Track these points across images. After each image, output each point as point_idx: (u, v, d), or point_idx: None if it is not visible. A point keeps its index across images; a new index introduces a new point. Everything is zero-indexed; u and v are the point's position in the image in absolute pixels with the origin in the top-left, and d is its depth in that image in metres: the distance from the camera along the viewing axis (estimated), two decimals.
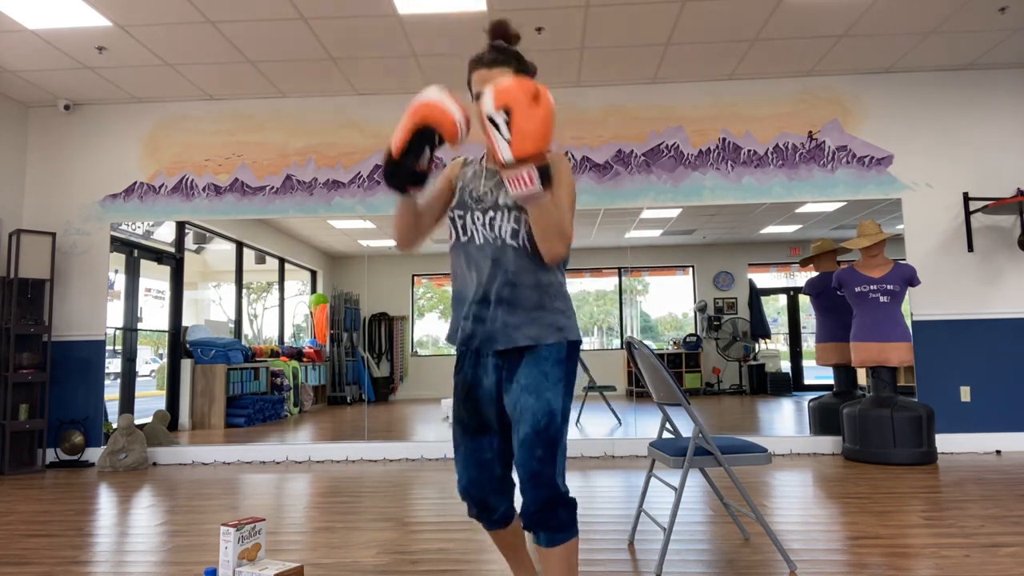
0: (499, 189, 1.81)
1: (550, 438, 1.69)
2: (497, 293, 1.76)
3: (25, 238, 5.12)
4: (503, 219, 1.78)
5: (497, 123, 1.53)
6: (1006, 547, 2.66)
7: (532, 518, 1.69)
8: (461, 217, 1.84)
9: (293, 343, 7.72)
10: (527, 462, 1.69)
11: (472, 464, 1.83)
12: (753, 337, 6.65)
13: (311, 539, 2.98)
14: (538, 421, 1.69)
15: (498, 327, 1.75)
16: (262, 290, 7.73)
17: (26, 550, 2.91)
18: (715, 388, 6.72)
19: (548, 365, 1.74)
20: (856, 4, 4.26)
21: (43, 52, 4.69)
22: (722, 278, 6.70)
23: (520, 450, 1.70)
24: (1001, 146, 5.20)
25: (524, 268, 1.77)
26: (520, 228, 1.77)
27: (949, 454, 4.89)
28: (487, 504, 1.84)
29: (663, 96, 5.40)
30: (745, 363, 6.69)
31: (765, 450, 2.60)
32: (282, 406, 7.06)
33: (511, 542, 1.95)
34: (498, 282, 1.76)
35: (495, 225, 1.79)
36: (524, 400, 1.71)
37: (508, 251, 1.77)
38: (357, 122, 5.50)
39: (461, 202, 1.85)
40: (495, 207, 1.80)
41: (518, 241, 1.78)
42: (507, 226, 1.78)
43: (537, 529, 1.69)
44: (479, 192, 1.83)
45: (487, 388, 1.82)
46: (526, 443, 1.69)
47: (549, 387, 1.72)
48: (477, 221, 1.81)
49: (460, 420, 1.85)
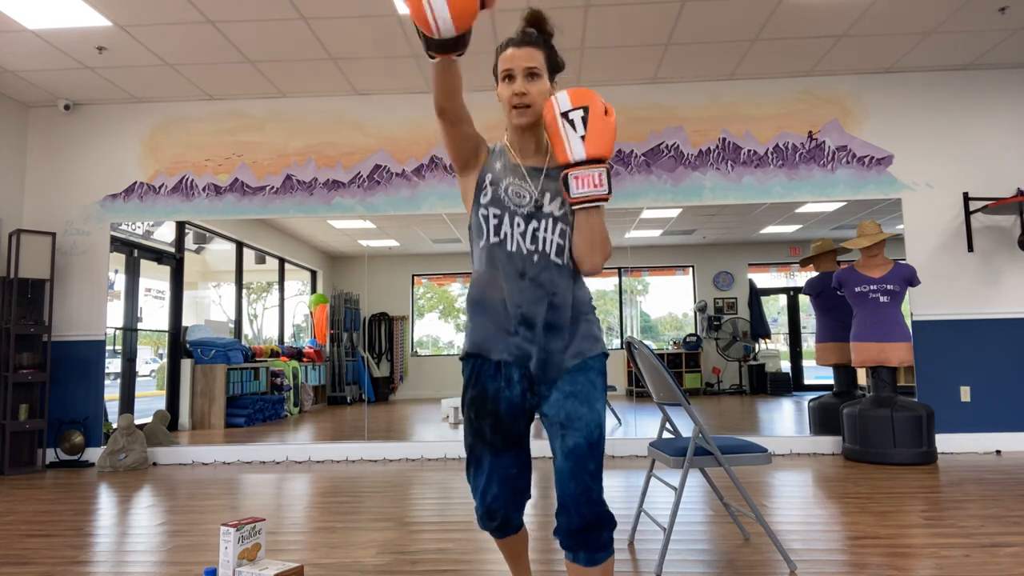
0: (543, 194, 1.67)
1: (599, 452, 1.60)
2: (544, 319, 1.65)
3: (25, 238, 5.12)
4: (548, 231, 1.65)
5: (573, 119, 1.49)
6: (1006, 547, 2.66)
7: (576, 536, 1.58)
8: (497, 217, 1.68)
9: (293, 343, 7.72)
10: (578, 476, 1.56)
11: (497, 480, 1.71)
12: (753, 337, 6.65)
13: (311, 539, 2.98)
14: (591, 433, 1.58)
15: (547, 355, 1.66)
16: (262, 290, 7.73)
17: (26, 550, 2.91)
18: (715, 388, 6.71)
19: (594, 375, 1.67)
20: (856, 4, 4.26)
21: (43, 52, 4.69)
22: (722, 278, 6.70)
23: (569, 462, 1.57)
24: (1001, 146, 5.20)
25: (566, 287, 1.67)
26: (565, 244, 1.66)
27: (949, 454, 4.89)
28: (509, 520, 1.75)
29: (663, 96, 5.40)
30: (745, 363, 6.69)
31: (765, 450, 2.60)
32: (282, 406, 7.06)
33: (520, 548, 1.89)
34: (543, 306, 1.65)
35: (539, 237, 1.65)
36: (574, 408, 1.60)
37: (552, 270, 1.65)
38: (357, 122, 5.50)
39: (496, 199, 1.69)
40: (538, 215, 1.66)
41: (563, 259, 1.66)
42: (553, 239, 1.65)
43: (579, 548, 1.59)
44: (519, 193, 1.68)
45: (509, 401, 1.70)
46: (577, 455, 1.56)
47: (598, 398, 1.64)
48: (516, 227, 1.66)
49: (481, 437, 1.72)
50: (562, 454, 1.59)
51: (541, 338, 1.65)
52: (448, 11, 1.43)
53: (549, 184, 1.69)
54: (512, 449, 1.73)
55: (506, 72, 1.70)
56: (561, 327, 1.66)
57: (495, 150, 1.78)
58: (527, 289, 1.65)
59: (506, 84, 1.70)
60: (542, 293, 1.65)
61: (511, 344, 1.68)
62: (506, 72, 1.70)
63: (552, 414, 1.64)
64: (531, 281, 1.65)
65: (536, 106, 1.67)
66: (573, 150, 1.47)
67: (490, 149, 1.78)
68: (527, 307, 1.65)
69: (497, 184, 1.70)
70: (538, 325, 1.65)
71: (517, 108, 1.67)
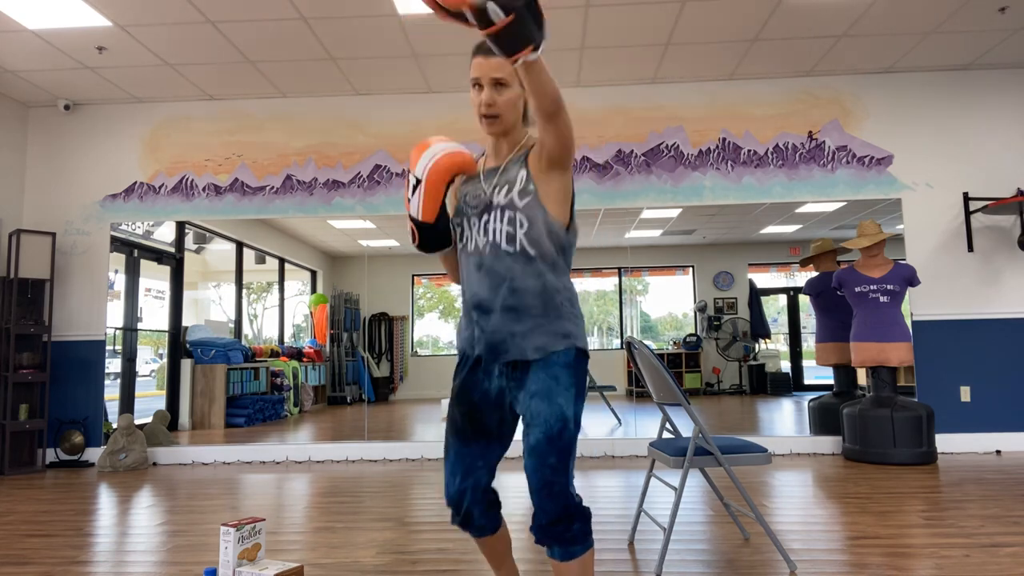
0: (494, 189, 1.72)
1: (563, 445, 1.59)
2: (502, 301, 1.67)
3: (25, 238, 5.12)
4: (497, 220, 1.68)
5: None
6: (1006, 547, 2.66)
7: (545, 531, 1.58)
8: (459, 224, 1.78)
9: (293, 343, 7.72)
10: (539, 470, 1.58)
11: (460, 470, 1.75)
12: (753, 337, 6.65)
13: (311, 539, 2.98)
14: (551, 427, 1.59)
15: (503, 336, 1.67)
16: (262, 290, 7.73)
17: (26, 550, 2.91)
18: (715, 388, 6.71)
19: (558, 369, 1.65)
20: (856, 4, 4.26)
21: (43, 52, 4.69)
22: (722, 278, 6.70)
23: (531, 458, 1.59)
24: (1001, 146, 5.20)
25: (524, 273, 1.66)
26: (516, 230, 1.67)
27: (949, 454, 4.88)
28: (471, 516, 1.76)
29: (663, 96, 5.40)
30: (745, 363, 6.69)
31: (765, 450, 2.60)
32: (282, 406, 7.05)
33: (500, 549, 1.87)
34: (500, 290, 1.68)
35: (489, 228, 1.70)
36: (535, 406, 1.62)
37: (505, 258, 1.68)
38: (357, 122, 5.50)
39: (458, 208, 1.79)
40: (488, 208, 1.71)
41: (514, 246, 1.67)
42: (502, 228, 1.68)
43: (551, 543, 1.59)
44: (475, 194, 1.75)
45: (486, 392, 1.74)
46: (538, 450, 1.58)
47: (560, 392, 1.63)
48: (473, 226, 1.73)
49: (453, 422, 1.77)
50: (526, 452, 1.62)
51: (497, 320, 1.67)
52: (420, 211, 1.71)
53: (501, 178, 1.72)
54: (481, 440, 1.75)
55: (474, 80, 1.68)
56: (521, 309, 1.66)
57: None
58: (483, 278, 1.70)
59: (475, 92, 1.70)
60: (498, 280, 1.68)
61: (467, 332, 1.76)
62: (474, 80, 1.68)
63: (521, 415, 1.68)
64: (487, 271, 1.70)
65: (504, 116, 1.68)
66: None
67: None
68: (483, 293, 1.70)
69: (462, 196, 1.79)
70: (496, 309, 1.68)
71: (485, 118, 1.68)
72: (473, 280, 1.72)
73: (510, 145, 1.76)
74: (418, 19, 4.35)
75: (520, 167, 1.70)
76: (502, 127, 1.70)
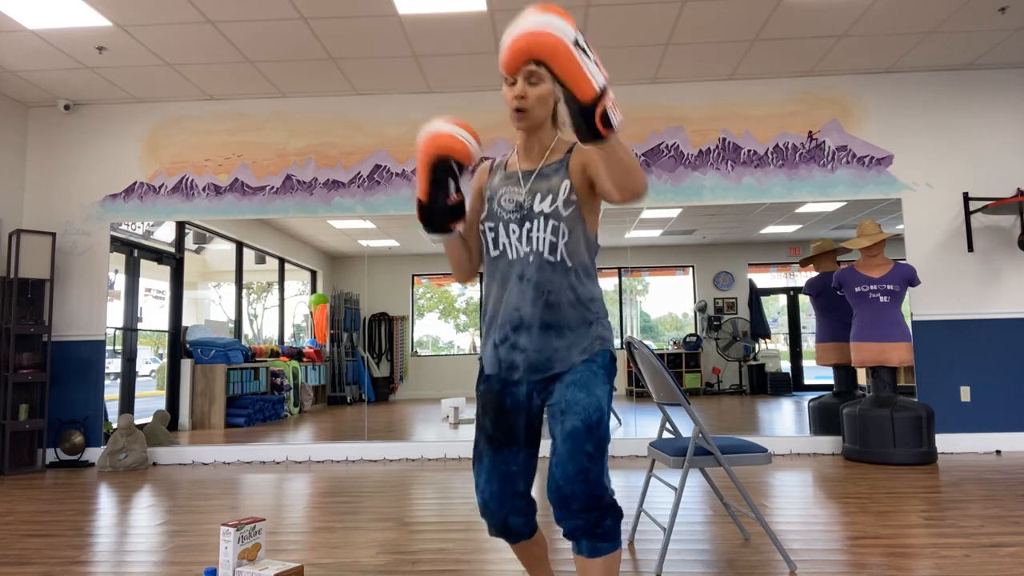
0: (533, 195, 1.67)
1: (600, 436, 1.56)
2: (540, 318, 1.63)
3: (25, 238, 5.12)
4: (540, 229, 1.64)
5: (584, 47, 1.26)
6: (1006, 547, 2.66)
7: (577, 520, 1.54)
8: (492, 230, 1.70)
9: (293, 343, 7.72)
10: (575, 455, 1.53)
11: (495, 477, 1.70)
12: (753, 337, 6.65)
13: (311, 539, 2.98)
14: (589, 416, 1.56)
15: (548, 355, 1.64)
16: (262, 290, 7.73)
17: (26, 550, 2.91)
18: (715, 388, 6.72)
19: (596, 366, 1.64)
20: (856, 4, 4.26)
21: (43, 52, 4.69)
22: (722, 278, 6.70)
23: (566, 444, 1.55)
24: (1001, 146, 5.20)
25: (564, 286, 1.64)
26: (559, 240, 1.64)
27: (949, 454, 4.88)
28: (507, 524, 1.71)
29: (663, 96, 5.40)
30: (745, 363, 6.69)
31: (765, 450, 2.60)
32: (282, 406, 7.05)
33: (536, 553, 1.81)
34: (538, 303, 1.64)
35: (532, 237, 1.65)
36: (572, 394, 1.58)
37: (546, 268, 1.64)
38: (357, 122, 5.50)
39: (491, 213, 1.71)
40: (530, 215, 1.65)
41: (556, 255, 1.64)
42: (545, 238, 1.64)
43: (580, 536, 1.55)
44: (511, 200, 1.69)
45: (516, 398, 1.71)
46: (575, 436, 1.54)
47: (599, 384, 1.61)
48: (512, 234, 1.67)
49: (484, 431, 1.73)
50: (560, 438, 1.56)
51: (537, 339, 1.64)
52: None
53: (540, 184, 1.68)
54: (513, 447, 1.71)
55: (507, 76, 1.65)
56: (560, 327, 1.64)
57: (498, 164, 1.81)
58: (525, 290, 1.65)
59: (507, 87, 1.67)
60: (538, 292, 1.64)
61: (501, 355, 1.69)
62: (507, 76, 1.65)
63: (553, 403, 1.63)
64: (529, 283, 1.64)
65: (534, 111, 1.65)
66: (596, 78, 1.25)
67: (495, 165, 1.81)
68: (524, 306, 1.65)
69: (492, 199, 1.73)
70: (534, 325, 1.64)
71: (516, 112, 1.65)
72: (513, 292, 1.67)
73: (541, 147, 1.73)
74: (418, 19, 4.35)
75: (562, 176, 1.67)
76: (530, 122, 1.67)
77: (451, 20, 4.36)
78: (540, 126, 1.71)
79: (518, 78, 1.64)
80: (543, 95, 1.66)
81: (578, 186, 1.66)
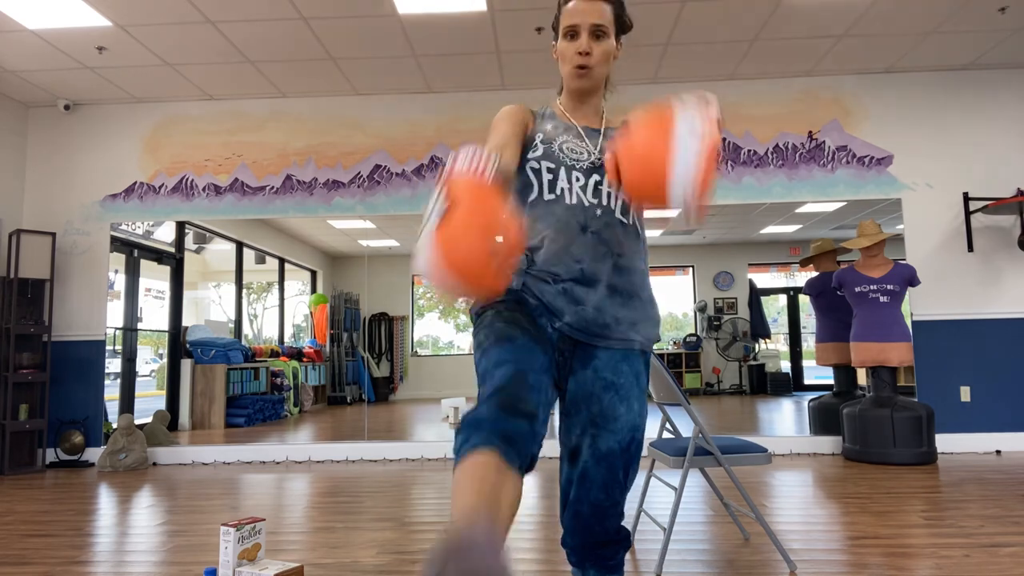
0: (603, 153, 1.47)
1: (631, 459, 1.39)
2: (608, 278, 1.41)
3: (25, 238, 5.12)
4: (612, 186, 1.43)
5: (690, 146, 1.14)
6: (1006, 547, 2.66)
7: (590, 552, 1.39)
8: (551, 171, 1.46)
9: (293, 343, 7.72)
10: (609, 486, 1.35)
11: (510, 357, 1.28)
12: (753, 337, 6.65)
13: (311, 539, 2.98)
14: (625, 438, 1.37)
15: (608, 321, 1.40)
16: (262, 290, 7.73)
17: (26, 550, 2.91)
18: (715, 388, 6.72)
19: (640, 366, 1.44)
20: (856, 4, 4.26)
21: (43, 52, 4.69)
22: (722, 278, 6.70)
23: (599, 467, 1.36)
24: (1001, 146, 5.20)
25: (633, 252, 1.45)
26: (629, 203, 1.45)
27: (949, 454, 4.88)
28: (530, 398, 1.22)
29: (663, 96, 5.39)
30: (745, 363, 6.69)
31: (765, 450, 2.60)
32: (282, 406, 7.06)
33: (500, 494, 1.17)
34: (607, 262, 1.42)
35: (601, 191, 1.44)
36: (610, 403, 1.37)
37: (617, 228, 1.44)
38: (357, 122, 5.50)
39: (550, 154, 1.47)
40: (600, 170, 1.46)
41: (629, 218, 1.45)
42: (617, 195, 1.44)
43: (589, 565, 1.42)
44: (575, 150, 1.48)
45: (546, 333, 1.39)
46: (610, 461, 1.36)
47: (638, 395, 1.42)
48: (575, 181, 1.44)
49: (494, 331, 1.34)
50: (593, 456, 1.36)
51: (602, 299, 1.40)
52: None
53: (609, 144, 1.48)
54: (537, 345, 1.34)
55: (569, 28, 1.47)
56: (629, 295, 1.42)
57: (543, 114, 1.59)
58: (589, 243, 1.41)
59: (568, 41, 1.48)
60: (605, 250, 1.41)
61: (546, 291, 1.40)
62: (569, 28, 1.47)
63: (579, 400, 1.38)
64: (593, 235, 1.41)
65: (597, 69, 1.48)
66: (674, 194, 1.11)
67: (537, 113, 1.59)
68: (589, 263, 1.40)
69: (550, 142, 1.49)
70: (601, 283, 1.40)
71: (579, 69, 1.47)
72: (576, 241, 1.41)
73: (596, 109, 1.56)
74: (418, 19, 4.35)
75: None
76: (593, 81, 1.50)
77: (451, 20, 4.36)
78: (599, 87, 1.54)
79: (581, 31, 1.46)
80: (608, 51, 1.49)
81: None
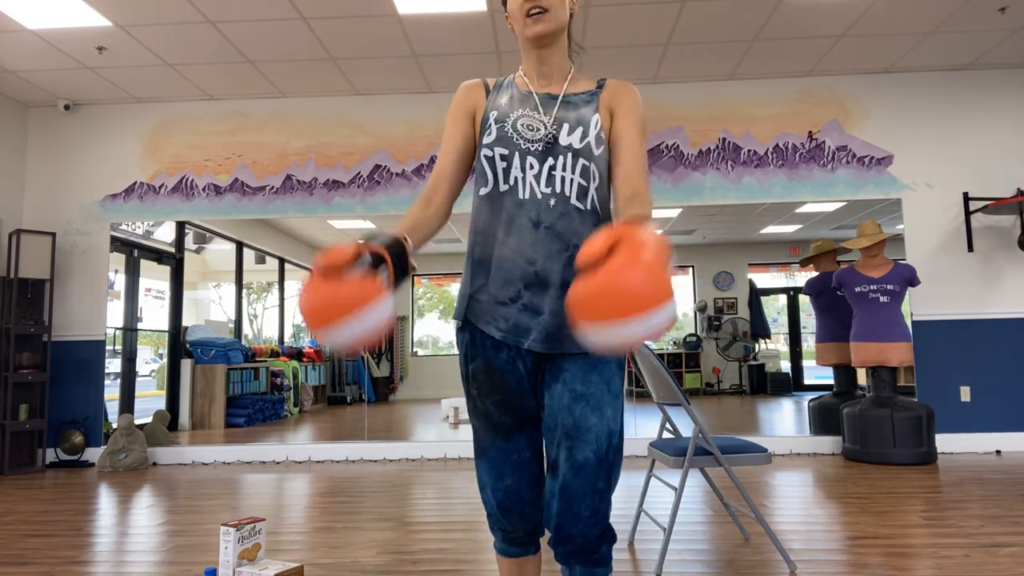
0: (559, 125, 1.38)
1: (610, 465, 1.37)
2: (562, 275, 1.33)
3: (25, 238, 5.12)
4: (567, 168, 1.34)
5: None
6: (1006, 547, 2.66)
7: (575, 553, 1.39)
8: (505, 159, 1.37)
9: (293, 343, 7.72)
10: (588, 496, 1.35)
11: (508, 469, 1.43)
12: (753, 337, 6.65)
13: (311, 539, 2.98)
14: (600, 445, 1.35)
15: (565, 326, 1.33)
16: (262, 290, 7.73)
17: (26, 550, 2.91)
18: (715, 388, 6.72)
19: (611, 371, 1.38)
20: (856, 4, 4.26)
21: (43, 52, 4.69)
22: (722, 278, 6.70)
23: (578, 478, 1.35)
24: (1001, 146, 5.20)
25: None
26: (589, 184, 1.35)
27: (949, 454, 4.88)
28: (523, 515, 1.45)
29: (663, 96, 5.40)
30: (745, 363, 6.70)
31: (765, 450, 2.60)
32: (282, 406, 7.06)
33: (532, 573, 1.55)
34: (560, 258, 1.33)
35: (555, 177, 1.34)
36: (582, 414, 1.35)
37: (572, 216, 1.34)
38: (357, 122, 5.50)
39: (503, 137, 1.37)
40: (554, 150, 1.35)
41: (586, 203, 1.35)
42: (573, 179, 1.34)
43: (575, 563, 1.41)
44: (529, 125, 1.38)
45: (520, 375, 1.41)
46: (587, 471, 1.34)
47: (611, 401, 1.37)
48: (528, 168, 1.35)
49: (487, 417, 1.43)
50: (571, 469, 1.36)
51: (558, 302, 1.33)
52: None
53: (567, 112, 1.40)
54: (525, 429, 1.44)
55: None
56: None
57: (500, 84, 1.48)
58: (542, 241, 1.34)
59: None
60: (560, 245, 1.34)
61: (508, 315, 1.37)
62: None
63: (554, 414, 1.38)
64: (547, 231, 1.34)
65: (555, 11, 1.36)
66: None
67: (494, 85, 1.49)
68: (542, 263, 1.34)
69: (504, 120, 1.40)
70: (553, 284, 1.34)
71: (532, 16, 1.35)
72: (526, 240, 1.34)
73: (560, 70, 1.44)
74: (418, 19, 4.35)
75: (593, 109, 1.40)
76: (552, 25, 1.37)
77: (451, 20, 4.36)
78: (559, 38, 1.42)
79: None
80: None
81: (606, 131, 1.40)
